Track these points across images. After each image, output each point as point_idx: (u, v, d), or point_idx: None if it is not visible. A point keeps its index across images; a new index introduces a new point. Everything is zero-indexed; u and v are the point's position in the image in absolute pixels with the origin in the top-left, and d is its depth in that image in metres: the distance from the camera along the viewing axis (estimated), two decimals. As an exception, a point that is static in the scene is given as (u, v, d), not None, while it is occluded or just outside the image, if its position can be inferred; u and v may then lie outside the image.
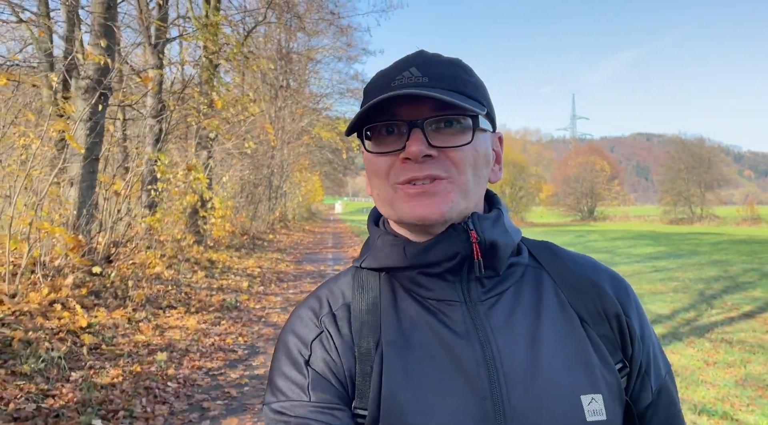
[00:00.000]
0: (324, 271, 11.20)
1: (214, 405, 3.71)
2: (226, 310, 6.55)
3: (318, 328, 0.71)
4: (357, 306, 0.72)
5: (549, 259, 0.77)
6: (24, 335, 4.21)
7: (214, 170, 11.23)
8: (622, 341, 0.73)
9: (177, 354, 4.67)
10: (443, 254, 0.68)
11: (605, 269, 0.79)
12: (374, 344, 0.69)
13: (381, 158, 0.69)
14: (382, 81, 0.70)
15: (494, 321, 0.69)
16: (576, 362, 0.68)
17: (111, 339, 4.75)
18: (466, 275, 0.70)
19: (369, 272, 0.75)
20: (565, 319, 0.71)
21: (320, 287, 0.77)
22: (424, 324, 0.69)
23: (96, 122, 5.71)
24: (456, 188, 0.68)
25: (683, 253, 17.91)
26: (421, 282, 0.71)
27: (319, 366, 0.69)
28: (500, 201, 0.77)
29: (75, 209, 5.83)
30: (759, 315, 8.05)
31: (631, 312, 0.75)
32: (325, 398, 0.67)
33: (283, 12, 13.57)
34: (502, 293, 0.72)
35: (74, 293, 5.32)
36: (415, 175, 0.67)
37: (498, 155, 0.77)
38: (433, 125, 0.67)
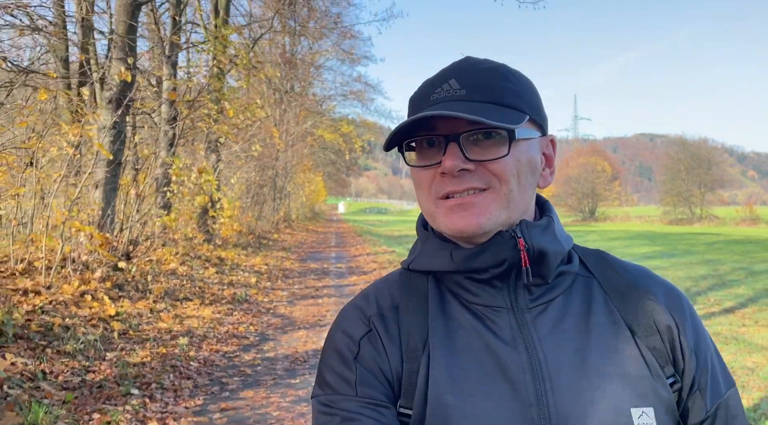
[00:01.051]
0: (327, 269, 11.75)
1: (231, 380, 4.26)
2: (237, 303, 7.11)
3: (366, 326, 0.72)
4: (405, 307, 0.73)
5: (601, 268, 0.76)
6: (62, 321, 4.77)
7: (222, 172, 11.80)
8: (673, 355, 0.71)
9: (196, 339, 5.22)
10: (490, 261, 0.68)
11: (660, 279, 0.77)
12: (421, 345, 0.69)
13: (422, 171, 0.70)
14: (423, 93, 0.71)
15: (541, 329, 0.69)
16: (627, 374, 0.67)
17: (137, 325, 5.31)
18: (514, 282, 0.70)
19: (417, 274, 0.76)
20: (615, 330, 0.70)
21: (369, 287, 0.78)
22: (471, 328, 0.70)
23: (120, 131, 6.26)
24: (496, 199, 0.68)
25: (677, 252, 18.37)
26: (468, 287, 0.71)
27: (367, 363, 0.69)
28: (552, 209, 0.77)
29: (99, 209, 6.39)
30: (738, 311, 8.53)
31: (685, 325, 0.73)
32: (371, 394, 0.67)
33: (287, 20, 14.10)
34: (550, 301, 0.71)
35: (101, 286, 5.87)
36: (453, 189, 0.67)
37: (549, 158, 0.77)
38: (471, 137, 0.67)
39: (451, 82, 0.69)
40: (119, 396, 3.67)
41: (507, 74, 0.70)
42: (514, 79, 0.70)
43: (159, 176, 8.40)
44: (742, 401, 0.74)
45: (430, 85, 0.71)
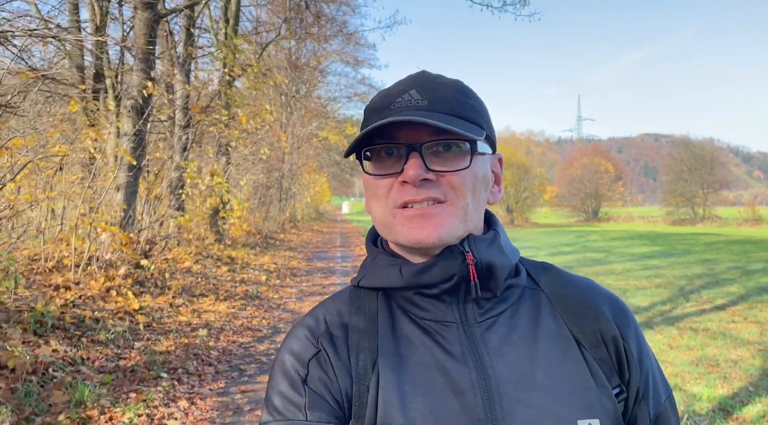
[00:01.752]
0: (333, 267, 12.18)
1: (249, 367, 4.69)
2: (249, 298, 7.55)
3: (315, 347, 0.71)
4: (354, 326, 0.72)
5: (547, 280, 0.77)
6: (92, 314, 5.21)
7: (231, 174, 12.26)
8: (619, 365, 0.72)
9: (214, 331, 5.66)
10: (440, 276, 0.68)
11: (604, 291, 0.78)
12: (371, 364, 0.69)
13: (380, 180, 0.70)
14: (382, 103, 0.71)
15: (490, 343, 0.69)
16: (573, 386, 0.68)
17: (159, 319, 5.74)
18: (463, 296, 0.70)
19: (366, 292, 0.75)
20: (562, 342, 0.71)
21: (317, 306, 0.77)
22: (421, 344, 0.69)
23: (141, 137, 6.71)
24: (454, 212, 0.68)
25: (676, 252, 18.60)
26: (417, 303, 0.71)
27: (316, 385, 0.68)
28: (498, 222, 0.77)
29: (122, 211, 6.83)
30: (729, 308, 8.82)
31: (629, 336, 0.74)
32: (321, 417, 0.66)
33: (295, 28, 14.54)
34: (498, 314, 0.71)
35: (124, 283, 6.31)
36: (412, 198, 0.67)
37: (497, 176, 0.77)
38: (432, 148, 0.68)
39: (411, 93, 0.70)
40: (150, 379, 4.10)
41: (466, 90, 0.73)
42: (472, 95, 0.73)
43: (174, 179, 8.85)
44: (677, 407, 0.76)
45: (389, 95, 0.71)
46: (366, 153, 0.71)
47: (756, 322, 7.65)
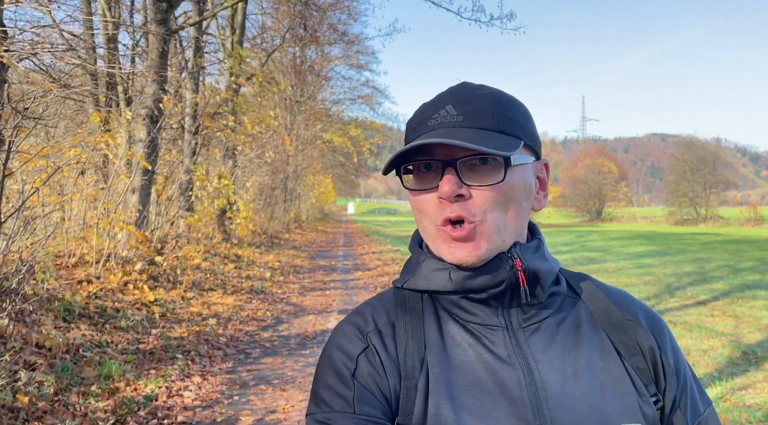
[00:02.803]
0: (335, 265, 12.73)
1: (254, 351, 5.23)
2: (254, 293, 8.11)
3: (363, 343, 0.72)
4: (401, 325, 0.74)
5: (585, 290, 0.79)
6: (112, 304, 5.77)
7: (238, 177, 12.84)
8: (655, 375, 0.74)
9: (222, 320, 6.21)
10: (489, 282, 0.70)
11: (640, 303, 0.80)
12: (419, 362, 0.70)
13: (421, 194, 0.72)
14: (421, 118, 0.73)
15: (535, 347, 0.71)
16: (616, 391, 0.69)
17: (172, 309, 6.30)
18: (508, 301, 0.72)
19: (411, 293, 0.77)
20: (602, 349, 0.72)
21: (363, 305, 0.79)
22: (468, 346, 0.71)
23: (155, 144, 7.28)
24: (487, 230, 0.69)
25: (671, 251, 18.97)
26: (464, 306, 0.72)
27: (365, 379, 0.69)
28: (539, 231, 0.79)
29: (137, 211, 7.41)
30: (710, 303, 9.25)
31: (666, 347, 0.76)
32: (369, 411, 0.67)
33: (298, 31, 15.09)
34: (542, 320, 0.73)
35: (140, 277, 6.88)
36: (448, 215, 0.69)
37: (543, 182, 0.78)
38: (468, 162, 0.69)
39: (447, 109, 0.71)
40: (167, 359, 4.66)
41: (502, 101, 0.73)
42: (510, 106, 0.73)
43: (184, 181, 9.43)
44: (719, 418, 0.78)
45: (427, 109, 0.73)
46: (407, 168, 0.73)
47: (733, 316, 8.04)
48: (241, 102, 10.04)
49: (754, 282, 11.26)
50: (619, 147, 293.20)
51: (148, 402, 3.74)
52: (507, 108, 0.72)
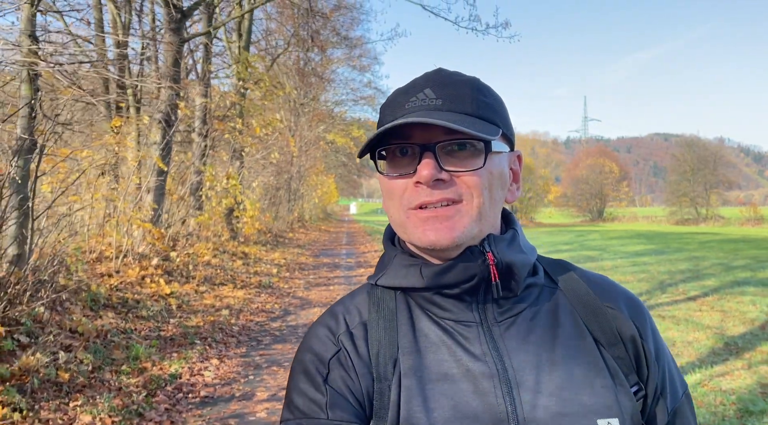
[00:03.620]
0: (338, 263, 13.16)
1: (264, 339, 5.67)
2: (262, 287, 8.55)
3: (335, 346, 0.71)
4: (374, 325, 0.72)
5: (564, 279, 0.77)
6: (132, 296, 6.21)
7: (245, 177, 13.29)
8: (637, 363, 0.73)
9: (234, 312, 6.65)
10: (461, 276, 0.68)
11: (621, 289, 0.79)
12: (392, 364, 0.69)
13: (394, 180, 0.70)
14: (397, 101, 0.71)
15: (510, 342, 0.69)
16: (593, 385, 0.68)
17: (188, 301, 6.74)
18: (483, 296, 0.70)
19: (384, 290, 0.75)
20: (580, 341, 0.71)
21: (335, 305, 0.77)
22: (441, 344, 0.70)
23: (169, 147, 7.72)
24: (470, 213, 0.68)
25: (668, 250, 19.28)
26: (437, 303, 0.71)
27: (337, 384, 0.69)
28: (516, 221, 0.77)
29: (152, 209, 7.85)
30: (700, 299, 9.60)
31: (647, 334, 0.75)
32: (342, 416, 0.67)
33: (302, 35, 15.54)
34: (518, 314, 0.71)
35: (156, 272, 7.32)
36: (426, 200, 0.67)
37: (516, 173, 0.77)
38: (446, 148, 0.67)
39: (426, 92, 0.69)
40: (187, 344, 5.10)
41: (482, 87, 0.72)
42: (487, 93, 0.72)
43: (194, 182, 9.88)
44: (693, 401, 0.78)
45: (404, 93, 0.71)
46: (380, 153, 0.71)
47: (721, 311, 8.37)
48: (248, 106, 10.49)
49: (745, 279, 11.59)
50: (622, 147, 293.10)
51: (173, 379, 4.18)
52: (485, 95, 0.71)
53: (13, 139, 4.98)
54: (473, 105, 0.69)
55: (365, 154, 0.71)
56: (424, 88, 0.70)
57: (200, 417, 3.59)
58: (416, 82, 0.72)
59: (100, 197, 6.97)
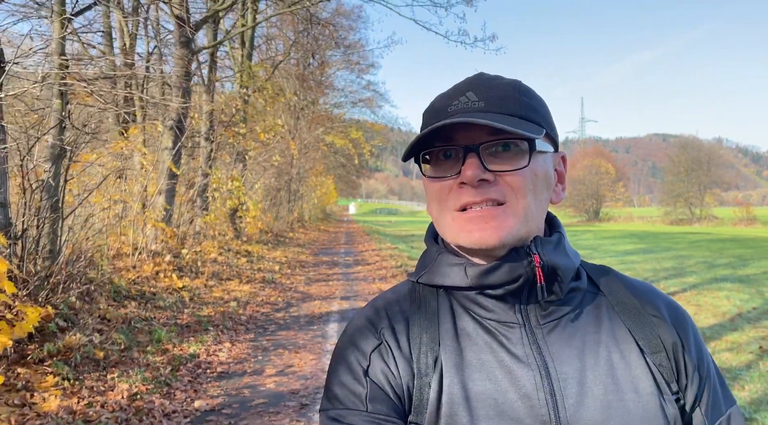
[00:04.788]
0: (337, 261, 13.78)
1: (270, 327, 6.27)
2: (266, 283, 9.16)
3: (377, 339, 0.71)
4: (416, 321, 0.72)
5: (607, 284, 0.77)
6: (149, 289, 6.82)
7: (247, 179, 13.90)
8: (677, 372, 0.72)
9: (242, 303, 7.26)
10: (506, 277, 0.68)
11: (664, 296, 0.78)
12: (433, 360, 0.69)
13: (438, 182, 0.70)
14: (439, 105, 0.71)
15: (553, 345, 0.69)
16: (637, 391, 0.68)
17: (198, 294, 7.35)
18: (526, 298, 0.70)
19: (426, 288, 0.75)
20: (624, 347, 0.71)
21: (377, 299, 0.78)
22: (484, 344, 0.69)
23: (179, 151, 8.32)
24: (515, 213, 0.67)
25: (657, 249, 19.89)
26: (480, 303, 0.71)
27: (378, 377, 0.69)
28: (560, 224, 0.77)
29: (164, 210, 8.46)
30: (679, 294, 10.18)
31: (689, 342, 0.74)
32: (381, 409, 0.67)
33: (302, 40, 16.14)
34: (561, 317, 0.71)
35: (168, 268, 7.92)
36: (471, 200, 0.67)
37: (561, 175, 0.77)
38: (490, 149, 0.68)
39: (468, 95, 0.70)
40: (201, 330, 5.71)
41: (524, 89, 0.72)
42: (530, 94, 0.72)
43: (201, 184, 10.48)
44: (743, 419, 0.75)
45: (446, 97, 0.72)
46: (424, 156, 0.71)
47: (696, 305, 8.96)
48: (252, 112, 11.10)
49: (724, 276, 12.20)
50: (620, 147, 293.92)
51: (192, 358, 4.80)
52: (527, 96, 0.71)
53: (45, 147, 5.58)
54: (516, 106, 0.69)
55: (410, 158, 0.72)
56: (466, 92, 0.70)
57: (218, 387, 4.20)
58: (458, 87, 0.72)
59: (118, 199, 7.57)
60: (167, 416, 3.55)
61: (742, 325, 7.17)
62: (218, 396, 3.99)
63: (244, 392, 4.11)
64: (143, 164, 8.01)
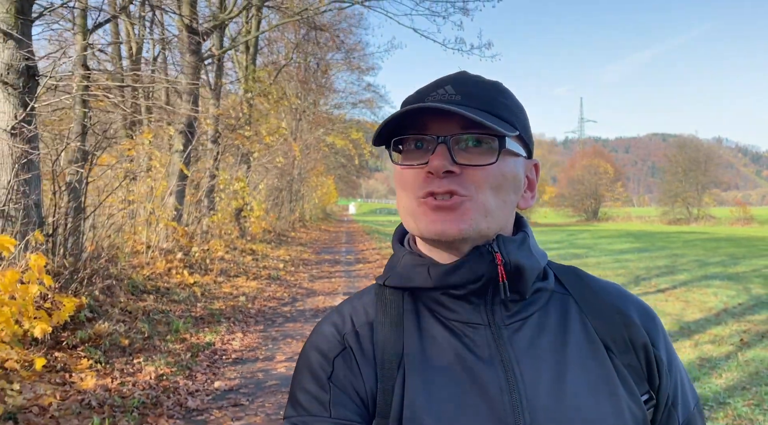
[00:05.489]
0: (338, 259, 14.21)
1: (278, 319, 6.70)
2: (272, 279, 9.60)
3: (341, 345, 0.72)
4: (380, 325, 0.73)
5: (575, 285, 0.77)
6: (163, 284, 7.24)
7: (251, 179, 14.34)
8: (648, 372, 0.73)
9: (250, 298, 7.70)
10: (468, 277, 0.68)
11: (633, 297, 0.78)
12: (396, 363, 0.69)
13: (407, 170, 0.70)
14: (416, 96, 0.72)
15: (518, 346, 0.69)
16: (601, 392, 0.68)
17: (209, 290, 7.78)
18: (491, 298, 0.70)
19: (392, 291, 0.75)
20: (590, 347, 0.71)
21: (343, 304, 0.78)
22: (448, 345, 0.70)
23: (189, 154, 8.75)
24: (475, 207, 0.68)
25: (652, 248, 20.20)
26: (445, 303, 0.71)
27: (341, 382, 0.69)
28: (527, 224, 0.77)
29: (174, 209, 8.88)
30: (669, 291, 10.53)
31: (659, 343, 0.74)
32: (345, 415, 0.68)
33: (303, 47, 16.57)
34: (527, 318, 0.71)
35: (179, 265, 8.34)
36: (434, 189, 0.67)
37: (531, 182, 0.77)
38: (461, 143, 0.68)
39: (446, 88, 0.70)
40: (215, 322, 6.14)
41: (503, 90, 0.73)
42: (509, 96, 0.73)
43: (208, 185, 10.91)
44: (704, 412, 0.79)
45: (425, 89, 0.72)
46: (396, 145, 0.72)
47: (684, 301, 9.28)
48: (257, 116, 11.53)
49: (715, 274, 12.56)
50: (620, 147, 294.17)
51: (209, 346, 5.23)
52: (505, 96, 0.72)
53: (69, 151, 6.01)
54: (492, 104, 0.70)
55: (381, 143, 0.72)
56: (444, 85, 0.71)
57: (234, 371, 4.63)
58: (438, 80, 0.73)
59: (133, 200, 8.00)
60: (191, 394, 3.98)
61: (726, 319, 7.47)
62: (235, 378, 4.42)
63: (258, 375, 4.54)
64: (156, 166, 8.44)
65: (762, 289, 10.30)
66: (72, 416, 3.34)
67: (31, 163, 4.65)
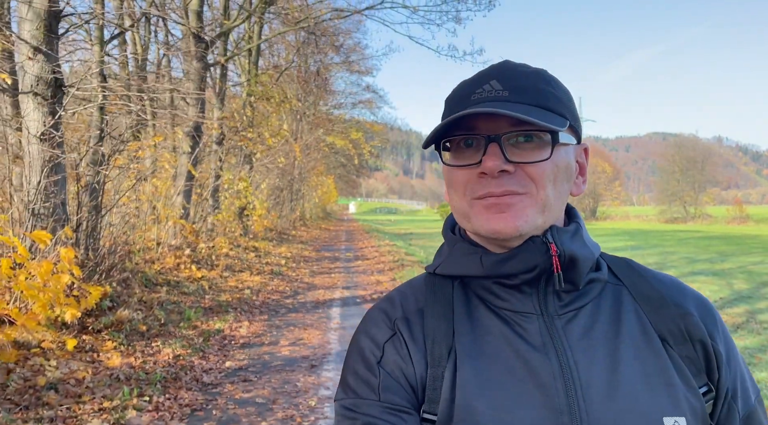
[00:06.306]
0: (338, 256, 14.71)
1: (281, 310, 7.19)
2: (274, 274, 10.09)
3: (391, 330, 0.72)
4: (431, 311, 0.73)
5: (629, 276, 0.76)
6: (173, 278, 7.73)
7: (254, 179, 14.83)
8: (707, 364, 0.71)
9: (254, 291, 8.18)
10: (521, 266, 0.68)
11: (690, 290, 0.77)
12: (446, 350, 0.69)
13: (458, 171, 0.70)
14: (462, 93, 0.71)
15: (571, 335, 0.69)
16: (657, 382, 0.67)
17: (216, 283, 8.27)
18: (544, 287, 0.70)
19: (442, 279, 0.76)
20: (645, 338, 0.70)
21: (394, 291, 0.79)
22: (499, 334, 0.69)
23: (197, 155, 9.23)
24: (533, 204, 0.67)
25: (646, 246, 20.71)
26: (496, 292, 0.71)
27: (390, 367, 0.70)
28: (578, 215, 0.76)
29: (182, 208, 9.37)
30: (655, 286, 11.08)
31: (717, 335, 0.73)
32: (394, 399, 0.68)
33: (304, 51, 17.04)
34: (580, 308, 0.71)
35: (187, 260, 8.83)
36: (491, 191, 0.67)
37: (582, 167, 0.76)
38: (512, 139, 0.67)
39: (492, 83, 0.69)
40: (222, 312, 6.63)
41: (549, 79, 0.72)
42: (555, 85, 0.72)
43: (213, 185, 11.40)
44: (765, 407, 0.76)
45: (469, 85, 0.71)
46: (445, 144, 0.71)
47: (667, 295, 9.86)
48: (259, 118, 12.02)
49: (701, 270, 13.08)
50: (620, 146, 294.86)
51: (218, 332, 5.73)
52: (553, 86, 0.71)
53: (88, 154, 6.50)
54: (540, 96, 0.69)
55: (430, 145, 0.71)
56: (490, 80, 0.70)
57: (243, 353, 5.13)
58: (482, 74, 0.72)
59: (144, 199, 8.49)
60: (206, 371, 4.47)
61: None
62: (244, 360, 4.91)
63: (265, 357, 5.03)
64: (165, 167, 8.93)
65: (744, 284, 10.81)
66: (104, 387, 3.84)
67: (58, 165, 5.13)
